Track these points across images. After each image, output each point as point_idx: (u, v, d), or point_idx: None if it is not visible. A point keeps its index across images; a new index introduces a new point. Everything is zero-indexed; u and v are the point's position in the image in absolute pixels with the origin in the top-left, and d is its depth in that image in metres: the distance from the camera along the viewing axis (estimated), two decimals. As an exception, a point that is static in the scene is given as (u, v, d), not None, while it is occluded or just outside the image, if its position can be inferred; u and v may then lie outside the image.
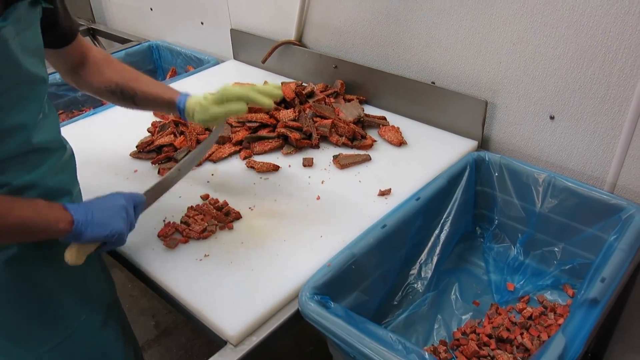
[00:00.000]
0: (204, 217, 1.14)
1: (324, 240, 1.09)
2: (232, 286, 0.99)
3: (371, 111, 1.55)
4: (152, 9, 2.31)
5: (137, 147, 1.41)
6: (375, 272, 1.08)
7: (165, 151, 1.38)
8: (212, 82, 1.82)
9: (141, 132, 1.49)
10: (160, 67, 2.29)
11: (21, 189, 0.87)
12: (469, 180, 1.26)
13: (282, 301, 0.96)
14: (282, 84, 1.60)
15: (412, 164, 1.31)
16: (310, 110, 1.46)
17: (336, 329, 0.86)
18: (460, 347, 1.08)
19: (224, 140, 1.41)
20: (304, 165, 1.33)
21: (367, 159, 1.34)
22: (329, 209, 1.18)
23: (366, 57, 1.60)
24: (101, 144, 1.47)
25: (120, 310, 1.17)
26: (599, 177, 1.23)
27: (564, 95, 1.21)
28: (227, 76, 1.89)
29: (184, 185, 1.21)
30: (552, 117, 1.25)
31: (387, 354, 0.80)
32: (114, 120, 1.61)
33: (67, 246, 0.90)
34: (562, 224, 1.19)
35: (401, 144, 1.39)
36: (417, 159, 1.33)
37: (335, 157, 1.33)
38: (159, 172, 1.32)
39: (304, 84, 1.61)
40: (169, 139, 1.40)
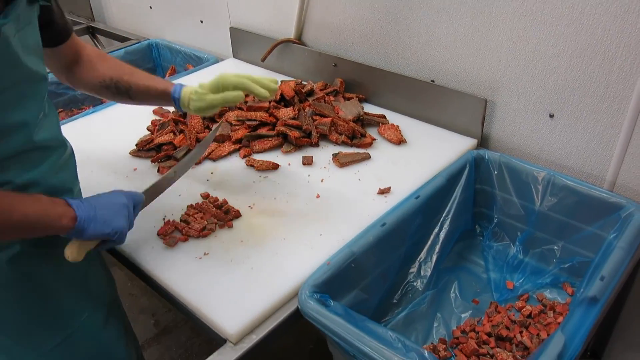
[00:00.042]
0: (204, 215, 1.14)
1: (324, 238, 1.09)
2: (231, 284, 0.99)
3: (371, 109, 1.55)
4: (151, 7, 2.31)
5: (136, 145, 1.41)
6: (374, 270, 1.08)
7: (164, 149, 1.38)
8: (211, 80, 1.81)
9: (141, 131, 1.49)
10: (159, 65, 2.29)
11: (23, 187, 0.87)
12: (468, 178, 1.26)
13: (281, 299, 0.96)
14: (281, 82, 1.60)
15: (412, 163, 1.31)
16: (309, 108, 1.46)
17: (336, 327, 0.86)
18: (459, 346, 1.08)
19: (223, 138, 1.41)
20: (304, 163, 1.33)
21: (367, 157, 1.34)
22: (329, 207, 1.18)
23: (366, 56, 1.59)
24: (101, 142, 1.47)
25: (121, 308, 1.17)
26: (599, 176, 1.23)
27: (563, 93, 1.21)
28: (227, 74, 1.88)
29: (184, 183, 1.21)
30: (551, 115, 1.25)
31: (386, 352, 0.80)
32: (113, 118, 1.60)
33: (67, 243, 0.90)
34: (562, 222, 1.19)
35: (401, 142, 1.39)
36: (416, 157, 1.33)
37: (334, 156, 1.33)
38: (158, 171, 1.32)
39: (303, 83, 1.61)
40: (168, 137, 1.40)
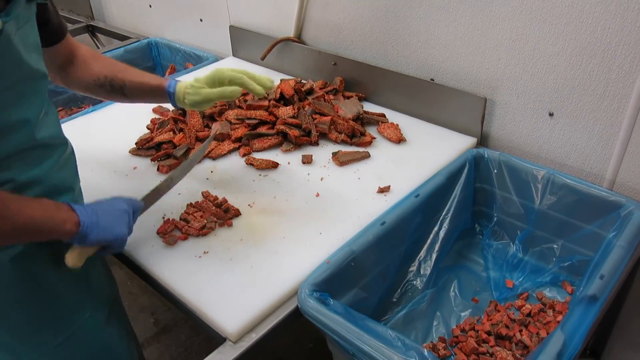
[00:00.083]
0: (203, 214, 1.14)
1: (323, 237, 1.09)
2: (231, 283, 0.99)
3: (370, 108, 1.55)
4: (151, 6, 2.31)
5: (136, 144, 1.41)
6: (374, 269, 1.08)
7: (164, 148, 1.38)
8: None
9: (140, 129, 1.49)
10: (159, 64, 2.29)
11: (25, 184, 0.87)
12: (468, 177, 1.26)
13: (281, 298, 0.96)
14: (281, 80, 1.60)
15: (411, 161, 1.31)
16: (309, 107, 1.46)
17: (335, 326, 0.86)
18: (459, 344, 1.08)
19: (223, 137, 1.41)
20: (303, 162, 1.33)
21: (366, 156, 1.34)
22: (328, 206, 1.18)
23: (365, 54, 1.59)
24: (100, 141, 1.47)
25: (121, 307, 1.18)
26: (598, 174, 1.23)
27: (563, 92, 1.21)
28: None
29: (184, 182, 1.21)
30: (551, 114, 1.25)
31: (386, 351, 0.80)
32: (113, 117, 1.60)
33: (69, 244, 0.90)
34: (561, 221, 1.19)
35: (400, 141, 1.39)
36: (416, 156, 1.33)
37: (334, 154, 1.33)
38: (158, 169, 1.32)
39: (303, 81, 1.61)
40: (168, 136, 1.40)
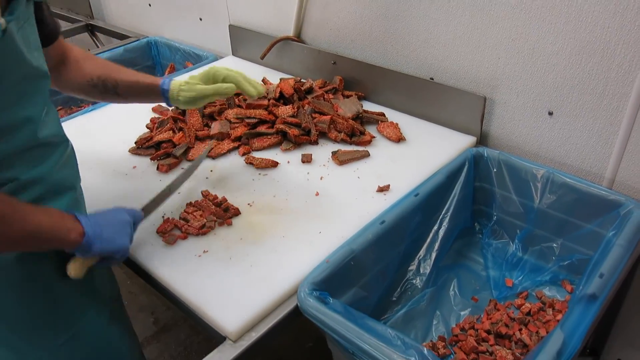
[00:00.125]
0: (203, 213, 1.14)
1: (323, 236, 1.09)
2: (231, 282, 0.99)
3: (370, 107, 1.55)
4: (150, 5, 2.31)
5: (135, 143, 1.41)
6: (374, 268, 1.08)
7: (164, 147, 1.38)
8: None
9: (140, 128, 1.49)
10: (158, 63, 2.29)
11: (28, 183, 0.87)
12: (467, 176, 1.26)
13: (281, 297, 0.96)
14: (280, 80, 1.60)
15: (411, 160, 1.31)
16: (309, 106, 1.46)
17: (335, 325, 0.86)
18: (458, 343, 1.08)
19: (222, 136, 1.41)
20: (303, 161, 1.33)
21: (366, 155, 1.34)
22: (328, 205, 1.18)
23: (365, 53, 1.59)
24: (100, 140, 1.47)
25: (123, 306, 1.18)
26: (598, 173, 1.23)
27: (562, 90, 1.21)
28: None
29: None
30: (550, 113, 1.25)
31: (386, 350, 0.80)
32: (112, 116, 1.60)
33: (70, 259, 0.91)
34: (561, 220, 1.19)
35: (400, 140, 1.39)
36: (415, 155, 1.33)
37: (334, 153, 1.33)
38: (157, 168, 1.32)
39: (302, 80, 1.61)
40: (167, 135, 1.40)
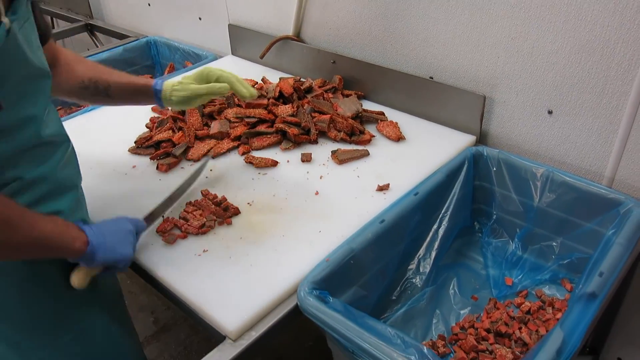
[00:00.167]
0: (203, 212, 1.14)
1: (323, 235, 1.09)
2: (230, 281, 0.99)
3: (369, 106, 1.55)
4: (149, 5, 2.30)
5: (135, 142, 1.41)
6: (373, 267, 1.08)
7: (163, 147, 1.38)
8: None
9: (139, 128, 1.49)
10: (158, 62, 2.28)
11: (32, 182, 0.87)
12: (467, 175, 1.26)
13: (280, 296, 0.96)
14: (280, 79, 1.60)
15: (411, 159, 1.31)
16: (308, 105, 1.46)
17: (335, 324, 0.86)
18: (458, 342, 1.08)
19: (222, 135, 1.41)
20: (303, 160, 1.33)
21: (366, 154, 1.34)
22: (328, 204, 1.18)
23: (364, 53, 1.59)
24: (99, 140, 1.47)
25: (125, 305, 1.18)
26: (597, 172, 1.23)
27: (562, 89, 1.21)
28: (225, 72, 1.88)
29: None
30: (550, 112, 1.25)
31: (385, 349, 0.81)
32: (112, 116, 1.60)
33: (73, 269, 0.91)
34: (561, 219, 1.19)
35: (399, 139, 1.39)
36: (415, 154, 1.33)
37: (333, 153, 1.33)
38: (157, 168, 1.32)
39: (302, 80, 1.61)
40: (167, 135, 1.40)
